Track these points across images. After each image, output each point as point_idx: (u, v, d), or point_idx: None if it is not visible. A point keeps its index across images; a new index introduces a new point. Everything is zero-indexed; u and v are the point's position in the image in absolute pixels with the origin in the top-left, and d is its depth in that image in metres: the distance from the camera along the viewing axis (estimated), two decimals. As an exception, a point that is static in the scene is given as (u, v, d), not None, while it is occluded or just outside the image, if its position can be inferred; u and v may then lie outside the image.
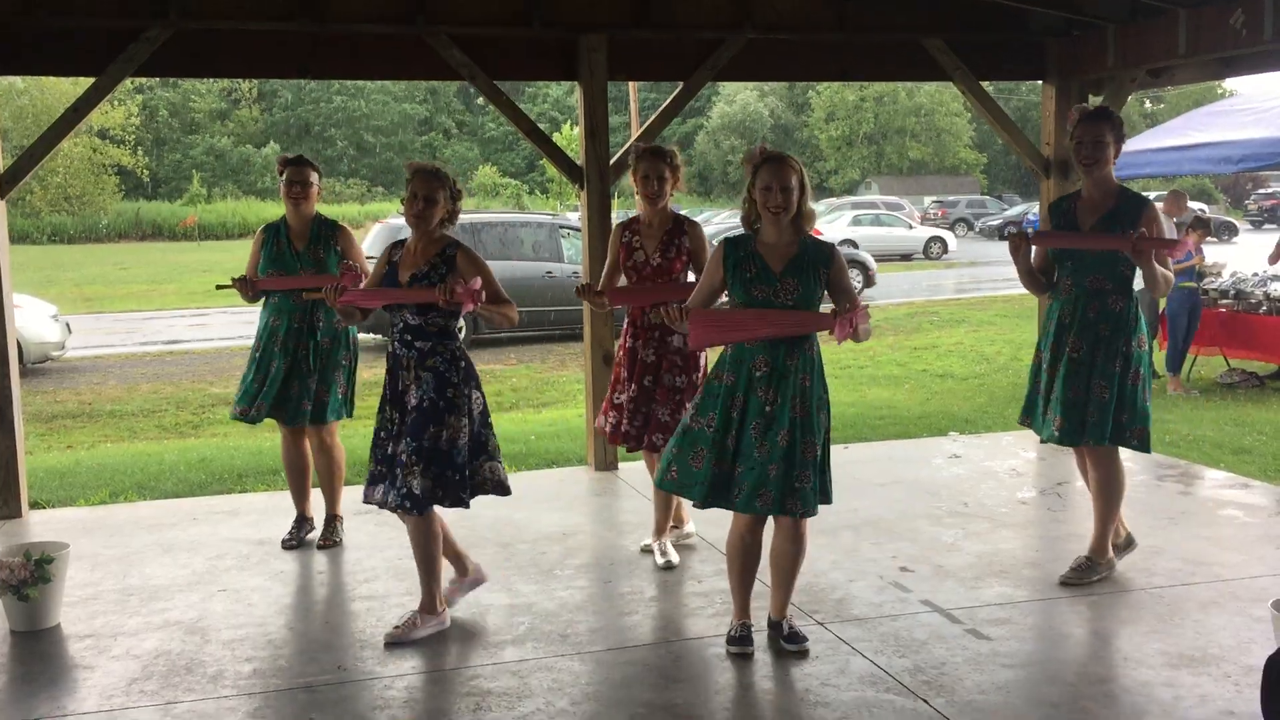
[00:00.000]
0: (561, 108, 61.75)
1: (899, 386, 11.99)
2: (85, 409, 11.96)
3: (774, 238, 4.29)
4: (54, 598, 4.92)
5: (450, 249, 4.70)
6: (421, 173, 4.63)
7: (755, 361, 4.25)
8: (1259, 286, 11.30)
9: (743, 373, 4.28)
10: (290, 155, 5.94)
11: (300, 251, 5.81)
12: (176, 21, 6.52)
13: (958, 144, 63.97)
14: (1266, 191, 46.49)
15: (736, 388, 4.29)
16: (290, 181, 5.80)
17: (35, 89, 45.10)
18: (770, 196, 4.22)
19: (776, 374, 4.24)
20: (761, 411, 4.24)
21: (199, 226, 46.58)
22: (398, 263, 4.72)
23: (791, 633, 4.51)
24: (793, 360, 4.25)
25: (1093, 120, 4.97)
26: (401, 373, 4.66)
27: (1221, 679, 4.19)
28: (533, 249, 17.03)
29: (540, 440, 9.01)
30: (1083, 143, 4.95)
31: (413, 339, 4.63)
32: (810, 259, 4.28)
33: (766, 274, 4.25)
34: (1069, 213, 5.08)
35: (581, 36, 7.17)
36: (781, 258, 4.27)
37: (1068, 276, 5.05)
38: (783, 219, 4.25)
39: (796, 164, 4.29)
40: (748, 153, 4.39)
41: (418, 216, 4.61)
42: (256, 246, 5.91)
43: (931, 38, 7.75)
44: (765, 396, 4.24)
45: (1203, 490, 6.96)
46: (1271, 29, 6.22)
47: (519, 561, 5.69)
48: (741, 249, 4.31)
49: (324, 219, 5.92)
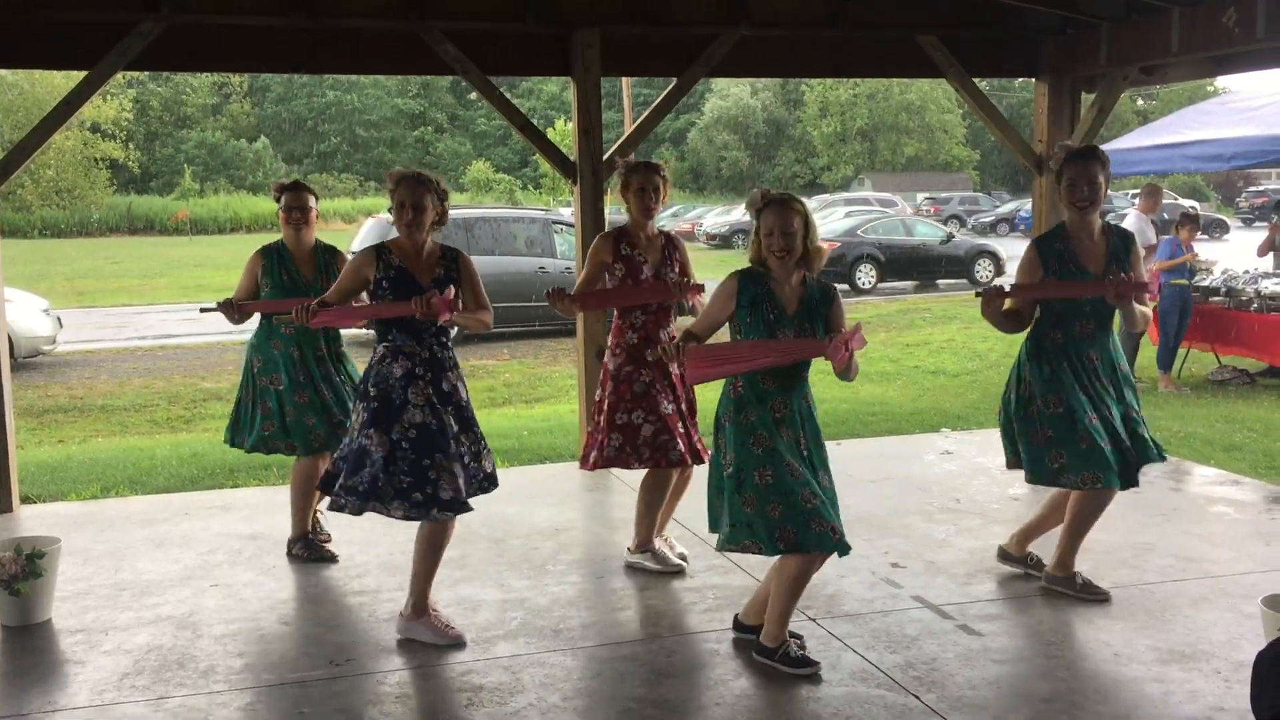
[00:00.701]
0: (557, 104, 61.72)
1: (891, 383, 12.01)
2: (76, 403, 11.93)
3: (782, 278, 4.26)
4: (45, 593, 4.91)
5: (450, 252, 4.69)
6: (406, 181, 4.54)
7: (773, 405, 4.22)
8: (1250, 284, 11.33)
9: (765, 414, 4.22)
10: (287, 180, 5.80)
11: (311, 281, 5.61)
12: (169, 15, 6.51)
13: (951, 141, 64.05)
14: (1258, 189, 46.61)
15: (759, 425, 4.20)
16: (289, 208, 5.64)
17: (26, 82, 44.93)
18: (773, 241, 4.20)
19: (799, 416, 4.25)
20: (796, 452, 4.22)
21: (191, 221, 46.47)
22: (404, 268, 4.55)
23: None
24: (806, 401, 4.29)
25: (1084, 160, 4.78)
26: (445, 374, 4.59)
27: (1211, 675, 4.20)
28: (526, 244, 17.02)
29: (533, 436, 9.01)
30: (1076, 184, 4.76)
31: (446, 339, 4.65)
32: (819, 301, 4.29)
33: (783, 316, 4.23)
34: (1069, 256, 4.83)
35: (575, 32, 7.17)
36: (793, 299, 4.26)
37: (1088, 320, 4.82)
38: (787, 262, 4.24)
39: (800, 206, 4.24)
40: (750, 197, 4.35)
41: (410, 225, 4.53)
42: (254, 271, 5.66)
43: (926, 34, 7.76)
44: (793, 437, 4.22)
45: (1193, 487, 6.98)
46: (1264, 28, 6.23)
47: (511, 557, 5.69)
48: (758, 286, 4.26)
49: (323, 245, 5.78)
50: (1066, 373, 4.80)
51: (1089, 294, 4.76)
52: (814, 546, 4.13)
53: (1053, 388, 4.80)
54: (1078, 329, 4.83)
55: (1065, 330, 4.84)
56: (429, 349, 4.56)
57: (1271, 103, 10.92)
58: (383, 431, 4.45)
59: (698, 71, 7.51)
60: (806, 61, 8.09)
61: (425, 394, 4.50)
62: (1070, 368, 4.82)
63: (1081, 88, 8.10)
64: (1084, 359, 4.83)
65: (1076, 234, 4.85)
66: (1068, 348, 4.83)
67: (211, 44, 6.87)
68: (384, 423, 4.46)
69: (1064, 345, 4.83)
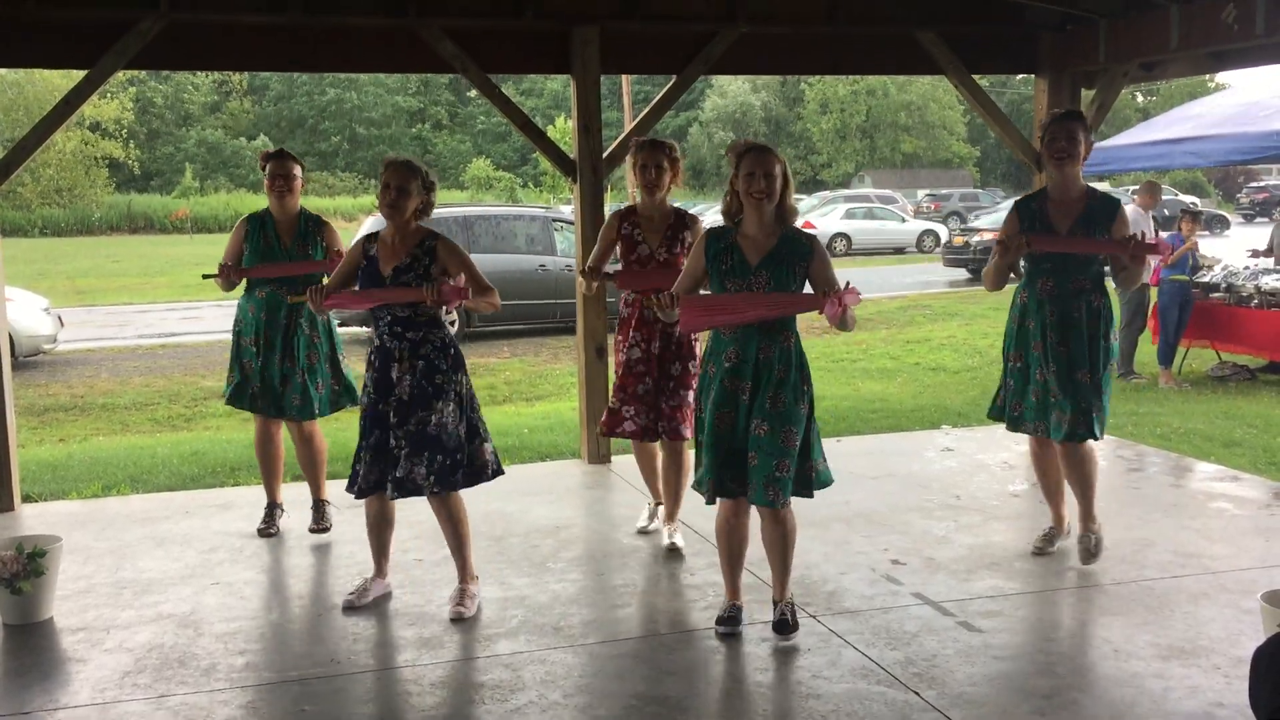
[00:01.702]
0: (559, 101, 61.68)
1: (891, 380, 12.01)
2: (77, 402, 11.94)
3: (755, 228, 4.31)
4: (46, 591, 4.91)
5: (429, 240, 4.74)
6: (393, 164, 4.70)
7: (727, 353, 4.34)
8: (1251, 280, 11.33)
9: (720, 363, 4.37)
10: (272, 149, 5.97)
11: (289, 246, 5.83)
12: (168, 14, 6.50)
13: (950, 138, 64.02)
14: (1258, 184, 46.58)
15: (716, 377, 4.39)
16: (273, 175, 5.81)
17: (26, 81, 44.91)
18: (754, 182, 4.25)
19: (748, 365, 4.31)
20: (736, 401, 4.33)
21: (191, 219, 46.46)
22: (375, 256, 4.74)
23: (780, 620, 4.53)
24: (766, 353, 4.31)
25: (1064, 118, 5.10)
26: (394, 364, 4.69)
27: (1211, 670, 4.21)
28: (526, 242, 17.01)
29: (533, 433, 9.01)
30: (1055, 136, 5.04)
31: (404, 330, 4.68)
32: (788, 252, 4.31)
33: (743, 266, 4.30)
34: (1040, 214, 5.13)
35: (574, 29, 7.16)
36: (759, 250, 4.31)
37: (1048, 277, 5.12)
38: (765, 206, 4.27)
39: (780, 156, 4.34)
40: (732, 145, 4.42)
41: (391, 206, 4.65)
42: (239, 237, 5.89)
43: (924, 30, 7.75)
44: (738, 387, 4.32)
45: (1193, 483, 6.99)
46: (1263, 24, 6.23)
47: (511, 555, 5.70)
48: (722, 240, 4.38)
49: (309, 214, 5.95)
50: (1026, 329, 5.20)
51: (1103, 250, 5.04)
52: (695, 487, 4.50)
53: (1016, 343, 5.27)
54: (1039, 286, 5.14)
55: (1029, 288, 5.20)
56: (380, 337, 4.75)
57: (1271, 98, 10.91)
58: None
59: (697, 69, 7.50)
60: (805, 58, 8.09)
61: (374, 380, 4.75)
62: (1030, 323, 5.18)
63: (1081, 84, 8.10)
64: (1044, 315, 5.12)
65: (1056, 194, 5.14)
66: (1029, 303, 5.19)
67: (210, 42, 6.87)
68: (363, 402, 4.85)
69: (1027, 302, 5.21)
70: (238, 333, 5.94)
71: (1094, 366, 5.10)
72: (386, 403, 4.71)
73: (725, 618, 4.59)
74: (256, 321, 5.81)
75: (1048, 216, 5.11)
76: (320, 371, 5.88)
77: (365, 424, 4.78)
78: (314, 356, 5.85)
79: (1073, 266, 5.08)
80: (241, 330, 5.89)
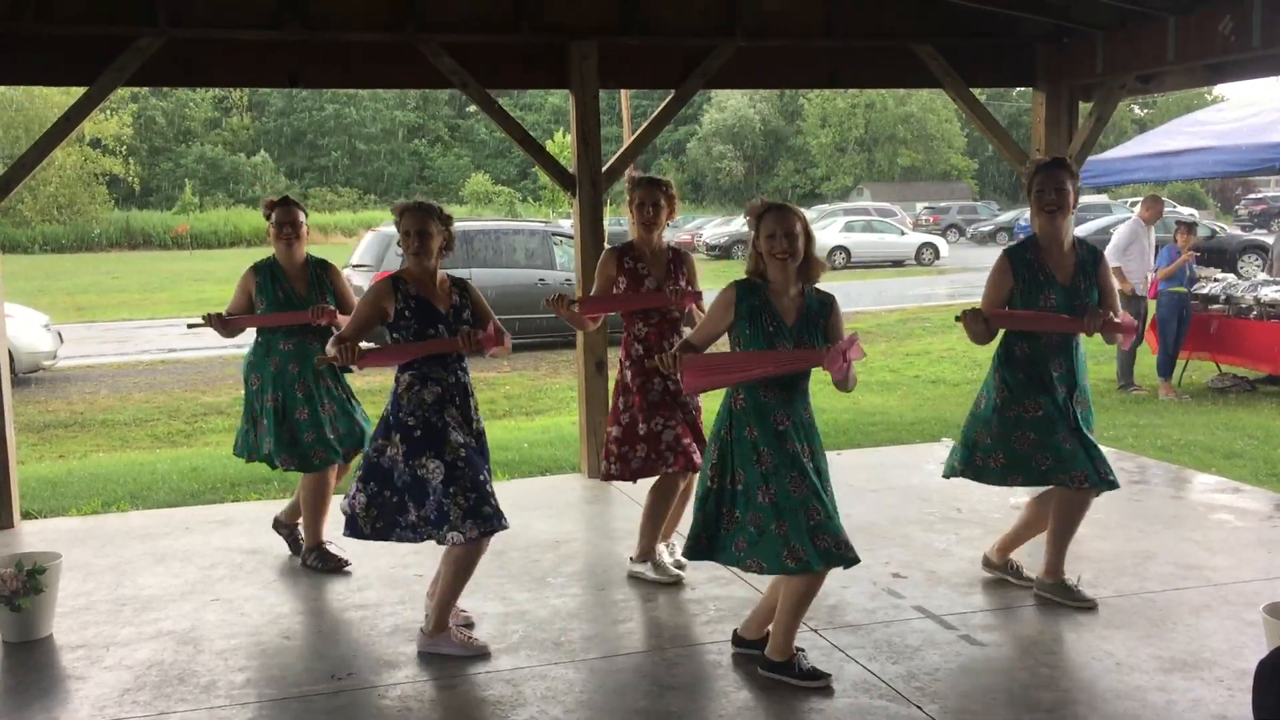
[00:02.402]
0: (558, 116, 61.86)
1: (891, 393, 12.01)
2: (77, 418, 11.93)
3: (782, 287, 4.24)
4: (46, 608, 4.90)
5: (458, 281, 4.76)
6: (408, 210, 4.65)
7: (776, 417, 4.18)
8: (1249, 292, 11.33)
9: (768, 427, 4.19)
10: (276, 197, 5.86)
11: (305, 296, 5.69)
12: (167, 30, 6.52)
13: (949, 150, 64.16)
14: (1256, 196, 46.61)
15: (762, 441, 4.18)
16: (280, 223, 5.71)
17: (25, 99, 45.04)
18: (776, 243, 4.18)
19: (801, 427, 4.22)
20: (801, 465, 4.17)
21: (191, 235, 46.54)
22: (422, 296, 4.60)
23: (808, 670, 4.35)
24: (808, 413, 4.26)
25: (1052, 169, 4.95)
26: (470, 399, 4.69)
27: (1214, 683, 4.20)
28: (525, 256, 17.02)
29: (533, 448, 9.01)
30: (1044, 190, 4.91)
31: (468, 365, 4.73)
32: (817, 311, 4.27)
33: (782, 327, 4.20)
34: (1038, 265, 4.94)
35: (572, 44, 7.19)
36: (794, 309, 4.23)
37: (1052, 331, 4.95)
38: (789, 265, 4.21)
39: (800, 213, 4.26)
40: (749, 206, 4.37)
41: (418, 254, 4.60)
42: (248, 288, 5.72)
43: (922, 43, 7.77)
44: (796, 449, 4.18)
45: (1194, 495, 6.98)
46: (1259, 36, 6.25)
47: (512, 570, 5.69)
48: (756, 297, 4.24)
49: (316, 260, 5.85)
50: (1036, 380, 4.95)
51: (1065, 329, 4.88)
52: (821, 562, 4.11)
53: (1030, 394, 4.94)
54: (1043, 339, 4.95)
55: (1031, 340, 4.96)
56: (454, 374, 4.63)
57: (1268, 110, 10.95)
58: (435, 456, 4.47)
59: (695, 83, 7.52)
60: (803, 72, 8.10)
61: (457, 418, 4.59)
62: (1038, 374, 4.95)
63: (1079, 96, 8.12)
64: (1049, 367, 4.95)
65: (1047, 244, 4.98)
66: (1034, 355, 4.96)
67: (209, 59, 6.88)
68: (434, 446, 4.48)
69: (1031, 354, 4.96)
70: (249, 395, 5.72)
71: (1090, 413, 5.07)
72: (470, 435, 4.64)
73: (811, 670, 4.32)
74: (288, 375, 5.61)
75: (1046, 268, 4.93)
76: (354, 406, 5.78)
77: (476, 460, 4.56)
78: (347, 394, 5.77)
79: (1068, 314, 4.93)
80: (257, 391, 5.68)
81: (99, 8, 6.47)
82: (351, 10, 6.83)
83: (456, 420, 4.58)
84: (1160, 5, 6.84)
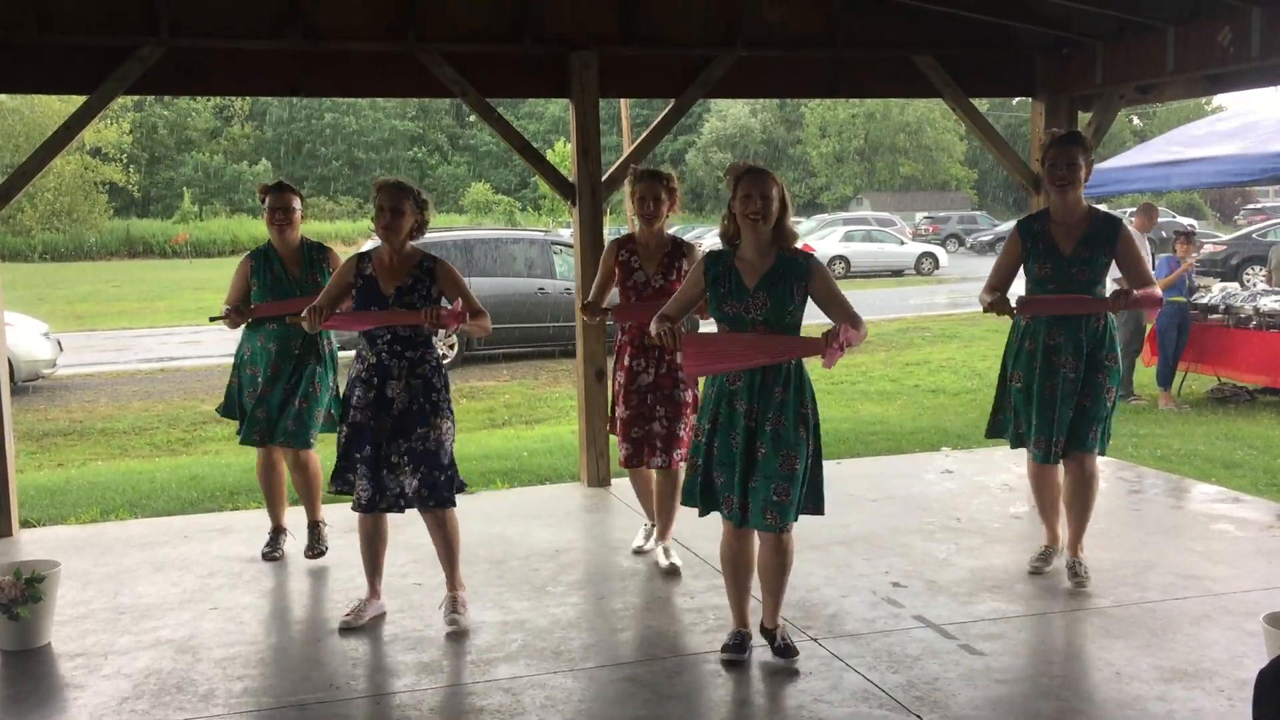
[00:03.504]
0: (558, 125, 61.93)
1: (891, 402, 12.00)
2: (76, 427, 11.93)
3: (752, 251, 4.30)
4: (45, 616, 4.89)
5: (427, 261, 4.85)
6: (385, 186, 4.80)
7: (730, 377, 4.31)
8: (1249, 301, 11.33)
9: (721, 385, 4.35)
10: (270, 182, 5.96)
11: (298, 278, 5.82)
12: (168, 39, 6.54)
13: (949, 160, 64.23)
14: (1255, 206, 46.65)
15: (719, 398, 4.36)
16: (272, 209, 5.81)
17: (26, 107, 45.08)
18: (750, 203, 4.24)
19: (753, 389, 4.29)
20: (739, 425, 4.30)
21: (190, 244, 46.54)
22: (373, 276, 4.81)
23: (783, 645, 4.54)
24: (769, 376, 4.28)
25: (1065, 143, 5.13)
26: (391, 381, 4.77)
27: (1215, 693, 4.19)
28: (525, 266, 17.03)
29: (533, 457, 9.00)
30: (1056, 163, 5.09)
31: (403, 349, 4.79)
32: (785, 272, 4.28)
33: (740, 289, 4.28)
34: (1044, 235, 5.18)
35: (573, 53, 7.20)
36: (756, 272, 4.29)
37: None
38: (762, 228, 4.25)
39: (777, 179, 4.33)
40: (731, 167, 4.42)
41: (386, 228, 4.76)
42: (245, 273, 5.87)
43: (921, 54, 7.79)
44: (742, 409, 4.29)
45: (1194, 504, 6.98)
46: (1258, 46, 6.26)
47: (511, 578, 5.68)
48: (721, 263, 4.36)
49: (311, 242, 5.96)
50: (1026, 351, 5.23)
51: (1092, 310, 5.11)
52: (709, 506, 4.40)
53: (1018, 364, 5.31)
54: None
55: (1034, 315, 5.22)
56: (377, 355, 4.79)
57: (1267, 120, 10.96)
58: (341, 422, 4.92)
59: (695, 92, 7.54)
60: (803, 82, 8.13)
61: (367, 397, 4.77)
62: (1033, 346, 5.22)
63: (1078, 106, 8.13)
64: (1048, 337, 5.18)
65: (1058, 216, 5.19)
66: (1033, 326, 5.23)
67: (210, 67, 6.89)
68: (344, 418, 4.90)
69: (1030, 325, 5.24)
70: (240, 363, 5.94)
71: (1100, 390, 5.15)
72: (380, 418, 4.78)
73: (731, 645, 4.55)
74: (267, 353, 5.81)
75: (1051, 237, 5.16)
76: (320, 401, 5.88)
77: (355, 438, 4.82)
78: (318, 386, 5.85)
79: (1076, 289, 5.13)
80: (247, 360, 5.89)
81: (101, 18, 6.48)
82: (353, 20, 6.85)
83: (364, 400, 4.77)
84: (1159, 16, 6.86)
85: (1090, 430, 5.19)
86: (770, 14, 7.47)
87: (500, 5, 7.09)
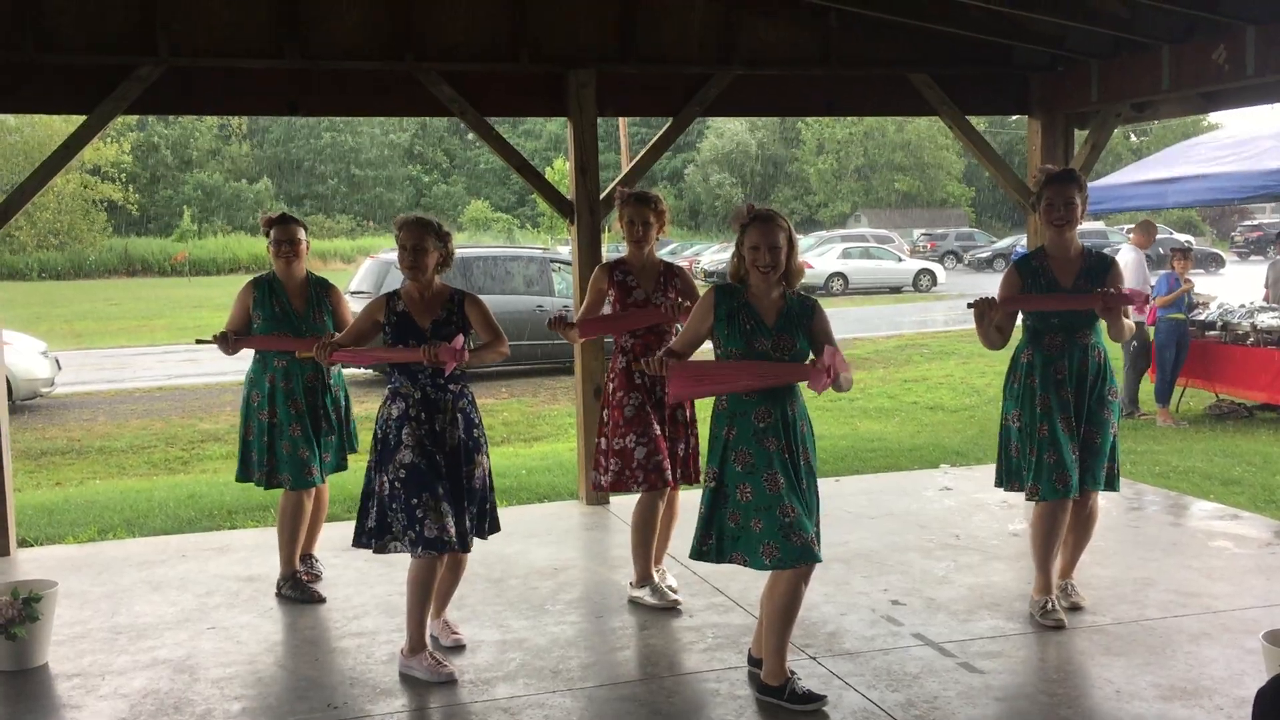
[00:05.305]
0: (557, 143, 62.08)
1: (889, 419, 12.00)
2: (74, 445, 11.91)
3: (762, 292, 4.27)
4: (42, 636, 4.88)
5: (457, 296, 4.79)
6: (406, 224, 4.73)
7: (757, 413, 4.19)
8: (1246, 318, 11.34)
9: (746, 426, 4.20)
10: (275, 214, 5.82)
11: (302, 313, 5.68)
12: (167, 59, 6.56)
13: (946, 177, 64.39)
14: (1252, 223, 46.78)
15: (741, 440, 4.20)
16: (278, 241, 5.69)
17: (26, 126, 45.16)
18: (759, 256, 4.21)
19: (783, 424, 4.21)
20: (776, 463, 4.16)
21: (189, 262, 46.56)
22: (407, 312, 4.68)
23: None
24: (793, 409, 4.26)
25: (1061, 182, 5.06)
26: (438, 416, 4.66)
27: (1214, 711, 4.18)
28: (524, 283, 17.05)
29: (531, 474, 8.99)
30: (1054, 204, 5.04)
31: (447, 382, 4.69)
32: (796, 314, 4.27)
33: (762, 326, 4.22)
34: (1043, 271, 5.10)
35: (570, 72, 7.23)
36: (774, 311, 4.25)
37: (1056, 333, 5.07)
38: (771, 277, 4.24)
39: (784, 222, 4.27)
40: (735, 211, 4.38)
41: (412, 266, 4.67)
42: (246, 303, 5.69)
43: (916, 72, 7.82)
44: (779, 445, 4.18)
45: (1193, 521, 6.97)
46: (1253, 64, 6.29)
47: (510, 597, 5.67)
48: (735, 300, 4.27)
49: (315, 277, 5.84)
50: (1033, 388, 5.10)
51: (1080, 306, 5.02)
52: (795, 560, 4.11)
53: (1023, 403, 5.13)
54: (1046, 342, 5.09)
55: (1035, 345, 5.12)
56: (422, 390, 4.66)
57: (1263, 137, 11.00)
58: (381, 472, 4.64)
59: (692, 110, 7.56)
60: (800, 100, 8.15)
61: (417, 435, 4.61)
62: (1039, 382, 5.09)
63: (1074, 124, 8.16)
64: (1052, 371, 5.08)
65: (1054, 253, 5.14)
66: (1036, 361, 5.12)
67: (209, 87, 6.91)
68: (384, 463, 4.64)
69: (1034, 360, 5.13)
70: (249, 410, 5.69)
71: (1106, 423, 5.11)
72: (440, 455, 4.64)
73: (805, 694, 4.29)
74: (285, 392, 5.60)
75: (1051, 272, 5.08)
76: (340, 432, 5.81)
77: (425, 476, 4.57)
78: (342, 410, 5.81)
79: (1079, 321, 5.05)
80: (257, 407, 5.64)
81: (100, 38, 6.50)
82: (351, 39, 6.87)
83: (414, 438, 4.60)
84: (1155, 34, 6.89)
85: (1101, 467, 5.10)
86: (767, 33, 7.51)
87: (498, 24, 7.12)
